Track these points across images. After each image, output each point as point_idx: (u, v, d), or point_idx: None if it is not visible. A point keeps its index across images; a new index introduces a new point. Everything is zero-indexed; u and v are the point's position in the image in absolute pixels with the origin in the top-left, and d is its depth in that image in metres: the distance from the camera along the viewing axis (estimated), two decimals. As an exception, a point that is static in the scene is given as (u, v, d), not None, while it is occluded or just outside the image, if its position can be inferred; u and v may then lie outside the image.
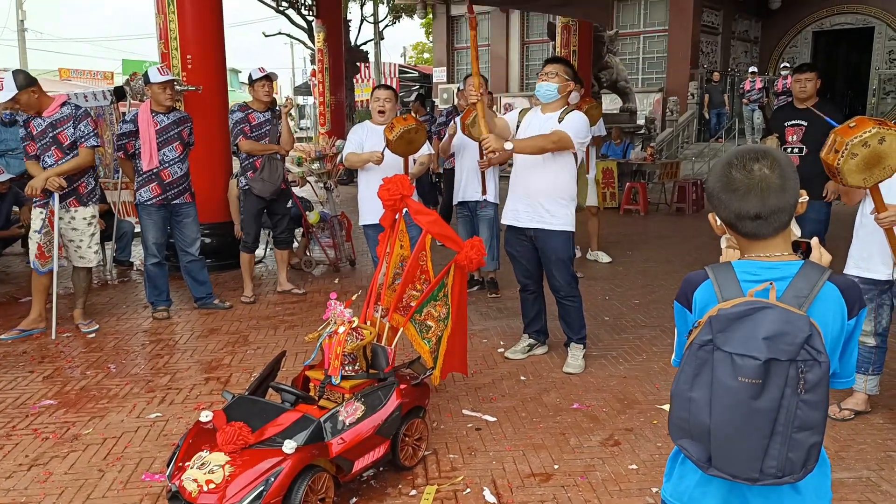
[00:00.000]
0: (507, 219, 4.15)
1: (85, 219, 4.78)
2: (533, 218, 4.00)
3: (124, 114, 6.29)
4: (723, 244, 1.60)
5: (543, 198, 3.96)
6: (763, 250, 1.48)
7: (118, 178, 6.82)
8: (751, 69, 15.92)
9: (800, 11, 17.22)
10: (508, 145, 3.79)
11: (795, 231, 1.50)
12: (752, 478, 1.35)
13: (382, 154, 4.63)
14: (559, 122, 3.90)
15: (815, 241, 1.59)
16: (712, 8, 16.51)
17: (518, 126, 4.09)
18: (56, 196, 4.57)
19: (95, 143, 4.68)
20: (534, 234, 4.04)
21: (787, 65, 16.05)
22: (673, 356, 1.66)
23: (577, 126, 3.88)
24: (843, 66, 19.02)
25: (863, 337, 3.38)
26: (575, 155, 3.97)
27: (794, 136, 5.20)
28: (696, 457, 1.40)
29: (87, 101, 7.16)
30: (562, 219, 3.98)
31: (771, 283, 1.39)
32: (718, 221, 1.54)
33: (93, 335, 4.78)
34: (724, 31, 17.08)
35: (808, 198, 1.51)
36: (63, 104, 4.63)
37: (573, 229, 4.07)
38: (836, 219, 5.20)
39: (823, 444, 2.95)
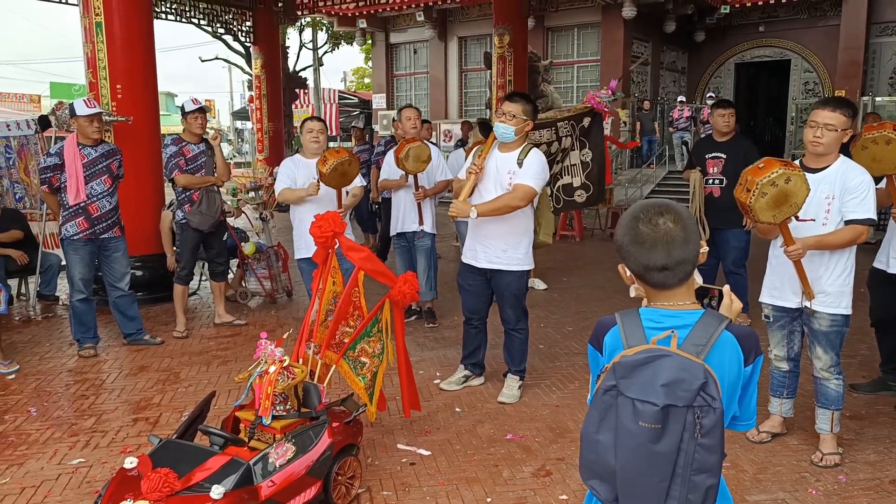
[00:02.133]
0: (466, 258, 4.18)
1: None
2: (490, 259, 4.05)
3: (49, 141, 6.11)
4: (632, 293, 1.68)
5: (499, 240, 4.01)
6: (668, 299, 1.56)
7: (43, 209, 6.59)
8: (679, 98, 16.61)
9: (722, 44, 18.10)
10: (473, 213, 3.83)
11: (698, 279, 1.59)
12: None
13: (318, 184, 4.64)
14: (519, 165, 3.89)
15: (726, 288, 1.69)
16: (641, 40, 17.18)
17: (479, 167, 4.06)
18: None
19: None
20: (490, 272, 4.09)
21: (712, 94, 16.82)
22: (589, 395, 1.73)
23: (537, 173, 3.88)
24: (763, 95, 20.01)
25: (776, 362, 3.56)
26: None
27: (715, 168, 5.46)
28: (604, 496, 1.47)
29: (9, 129, 6.92)
30: (519, 259, 4.04)
31: (672, 331, 1.47)
32: (628, 272, 1.62)
33: (12, 376, 4.58)
34: (653, 62, 17.78)
35: (707, 248, 1.61)
36: None
37: (531, 266, 4.15)
38: (757, 242, 5.47)
39: (742, 467, 3.08)
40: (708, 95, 16.72)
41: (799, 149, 15.96)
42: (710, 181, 5.44)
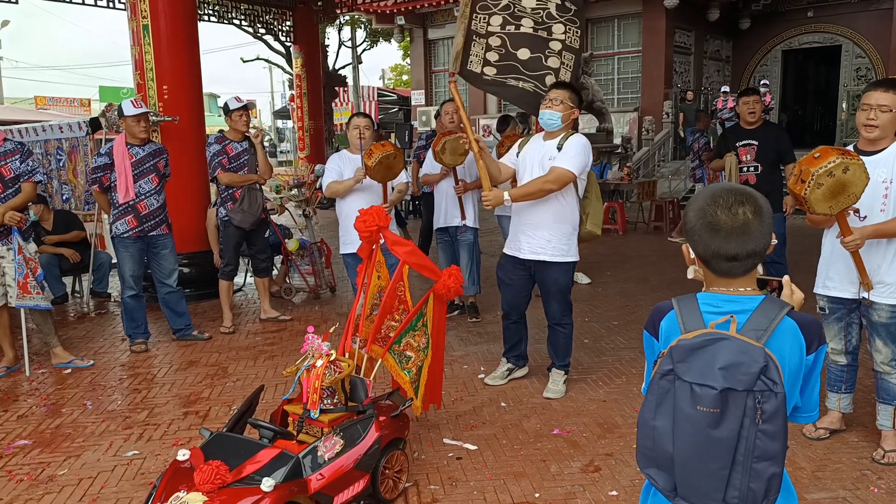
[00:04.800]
0: (509, 249, 4.10)
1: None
2: (534, 250, 3.95)
3: (100, 143, 6.28)
4: (690, 274, 1.63)
5: (544, 230, 3.92)
6: (728, 285, 1.52)
7: (89, 209, 6.78)
8: (723, 88, 16.22)
9: (769, 31, 17.62)
10: (507, 199, 3.77)
11: (759, 269, 1.54)
12: None
13: (364, 170, 4.66)
14: (558, 149, 3.83)
15: (786, 279, 1.63)
16: (684, 29, 16.84)
17: (518, 155, 4.06)
18: (16, 231, 4.47)
19: (41, 180, 4.66)
20: (534, 264, 4.01)
21: (766, 83, 16.37)
22: (643, 384, 1.69)
23: (576, 155, 3.78)
24: (812, 83, 19.43)
25: (834, 356, 3.44)
26: (575, 183, 3.91)
27: (748, 156, 5.35)
28: (662, 486, 1.43)
29: (62, 131, 7.14)
30: (564, 250, 3.93)
31: (732, 316, 1.43)
32: (692, 254, 1.57)
33: (69, 370, 4.72)
34: (696, 51, 17.41)
35: (776, 241, 1.55)
36: (4, 139, 4.57)
37: (576, 259, 4.03)
38: (800, 233, 5.32)
39: (800, 464, 2.98)
40: (762, 83, 16.26)
41: (851, 137, 15.45)
42: (745, 168, 5.35)
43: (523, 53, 4.03)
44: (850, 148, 3.14)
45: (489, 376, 4.39)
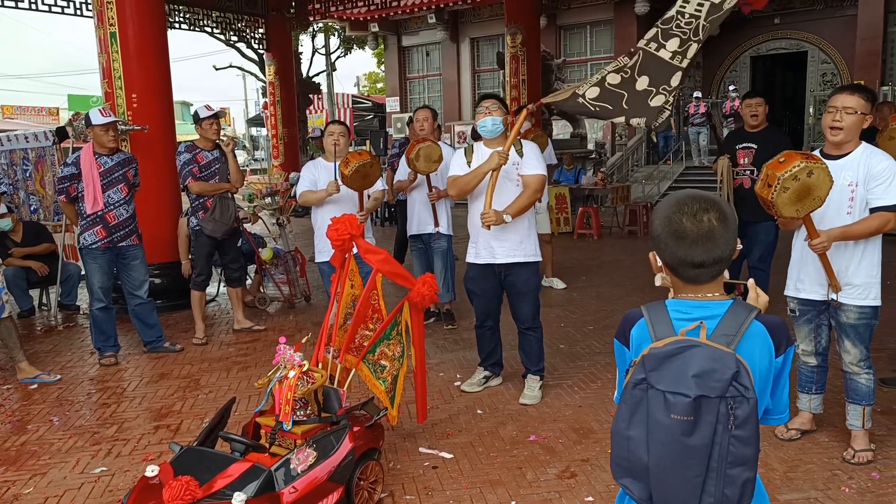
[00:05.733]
0: (482, 257, 4.12)
1: None
2: (509, 253, 4.03)
3: (67, 152, 6.16)
4: (658, 282, 1.64)
5: (514, 233, 4.01)
6: (696, 291, 1.52)
7: (58, 220, 6.65)
8: (695, 94, 16.43)
9: (737, 37, 17.88)
10: (509, 218, 3.87)
11: (725, 274, 1.55)
12: None
13: (338, 183, 4.63)
14: (520, 154, 3.98)
15: (751, 282, 1.64)
16: (655, 35, 17.04)
17: (469, 164, 4.08)
18: None
19: (4, 191, 4.57)
20: (506, 269, 4.06)
21: (734, 86, 16.60)
22: (615, 393, 1.69)
23: (538, 158, 4.04)
24: (780, 89, 19.77)
25: (805, 357, 3.48)
26: None
27: (746, 159, 5.37)
28: (637, 495, 1.42)
29: (27, 141, 7.00)
30: (534, 250, 4.09)
31: (701, 322, 1.43)
32: (659, 261, 1.58)
33: (34, 386, 4.61)
34: (667, 58, 17.62)
35: (741, 245, 1.56)
36: None
37: (541, 258, 4.26)
38: (785, 236, 5.37)
39: (772, 466, 3.01)
40: (731, 88, 16.50)
41: (818, 141, 15.73)
42: (741, 172, 5.36)
43: (642, 83, 3.79)
44: (817, 153, 3.19)
45: (465, 383, 4.38)
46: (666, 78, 3.79)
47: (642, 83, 3.81)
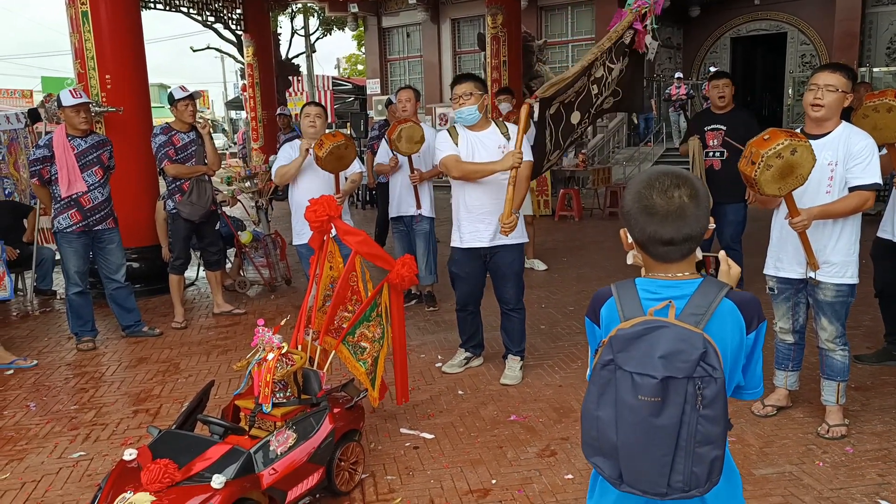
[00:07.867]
0: (469, 241, 4.08)
1: None
2: (496, 235, 4.00)
3: (40, 135, 6.04)
4: (629, 260, 1.63)
5: (499, 215, 3.96)
6: (666, 270, 1.51)
7: (35, 203, 6.53)
8: (676, 75, 16.47)
9: (717, 19, 17.91)
10: (518, 215, 3.88)
11: (698, 254, 1.54)
12: (661, 493, 1.38)
13: (310, 143, 4.62)
14: (506, 137, 3.94)
15: (722, 254, 1.63)
16: (636, 16, 17.01)
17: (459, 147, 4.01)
18: None
19: None
20: (492, 251, 4.05)
21: (716, 68, 16.65)
22: (588, 371, 1.69)
23: (527, 146, 3.93)
24: (760, 70, 19.86)
25: (781, 334, 3.52)
26: None
27: (715, 140, 5.38)
28: (608, 474, 1.43)
29: (-1, 124, 6.84)
30: (520, 232, 4.04)
31: (670, 302, 1.43)
32: (629, 238, 1.57)
33: (10, 372, 4.54)
34: (648, 39, 17.62)
35: (714, 225, 1.55)
36: None
37: (527, 239, 4.31)
38: (754, 217, 5.40)
39: (748, 441, 3.04)
40: (712, 69, 16.55)
41: (797, 122, 15.85)
42: (710, 154, 5.38)
43: (575, 117, 4.42)
44: (799, 131, 3.21)
45: (446, 364, 4.38)
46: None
47: (575, 118, 4.51)
